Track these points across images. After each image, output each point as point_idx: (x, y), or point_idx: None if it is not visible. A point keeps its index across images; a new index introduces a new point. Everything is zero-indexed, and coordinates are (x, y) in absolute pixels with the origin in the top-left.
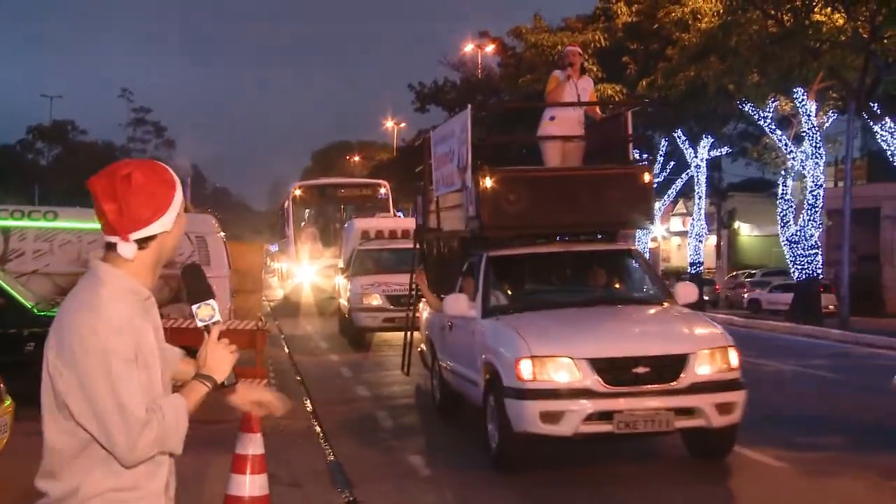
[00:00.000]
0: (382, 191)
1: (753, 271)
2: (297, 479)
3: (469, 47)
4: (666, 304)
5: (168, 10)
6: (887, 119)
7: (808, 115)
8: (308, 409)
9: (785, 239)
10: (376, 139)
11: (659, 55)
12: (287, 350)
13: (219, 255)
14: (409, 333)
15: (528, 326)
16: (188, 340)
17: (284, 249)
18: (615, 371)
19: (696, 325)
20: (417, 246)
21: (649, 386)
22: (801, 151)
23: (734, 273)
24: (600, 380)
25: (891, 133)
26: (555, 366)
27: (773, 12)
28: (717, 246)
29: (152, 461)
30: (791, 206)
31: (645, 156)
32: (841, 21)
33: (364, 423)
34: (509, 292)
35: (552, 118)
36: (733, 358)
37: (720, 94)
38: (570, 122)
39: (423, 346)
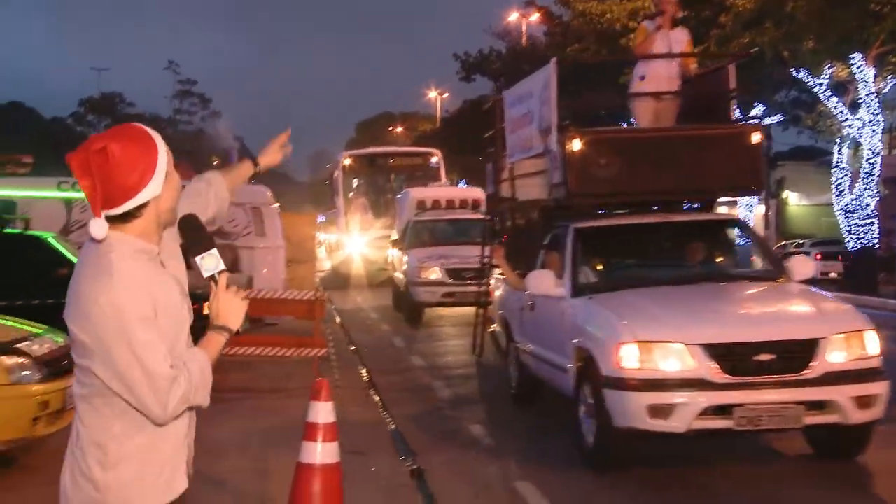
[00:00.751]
0: (434, 160)
1: (802, 241)
2: (359, 446)
3: (514, 16)
4: (782, 281)
5: None
6: None
7: (866, 82)
8: (364, 377)
9: (840, 208)
10: (419, 110)
11: (711, 22)
12: (339, 320)
13: (273, 226)
14: (480, 311)
15: (628, 307)
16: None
17: (333, 220)
18: (734, 359)
19: (825, 304)
20: (489, 218)
21: (775, 376)
22: (858, 118)
23: (783, 243)
24: (717, 368)
25: None
26: (664, 352)
27: None
28: (766, 215)
29: None
30: (846, 175)
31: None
32: None
33: (421, 392)
34: (601, 268)
35: (642, 77)
36: (872, 343)
37: (774, 60)
38: (662, 78)
39: (496, 326)
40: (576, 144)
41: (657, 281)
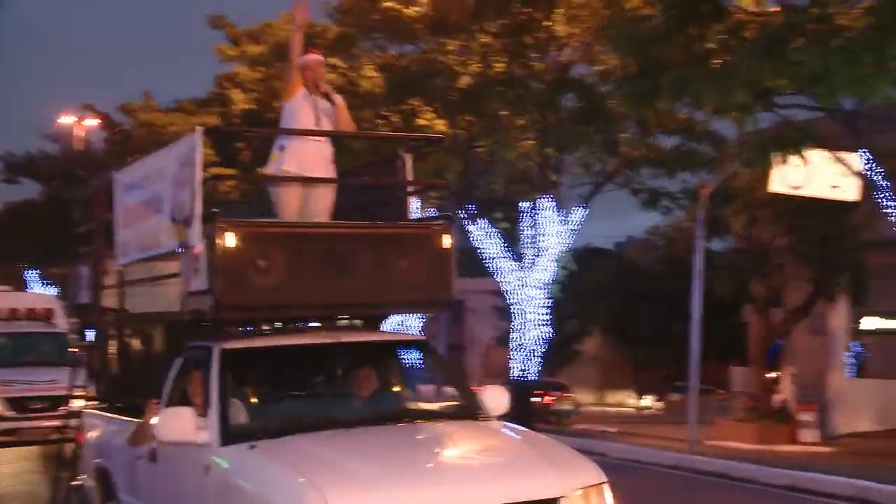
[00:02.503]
0: None
1: None
2: None
3: (69, 119)
4: (483, 419)
5: None
6: (481, 219)
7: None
8: None
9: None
10: None
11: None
12: None
13: None
14: (60, 453)
15: (306, 460)
16: None
17: None
18: None
19: (554, 452)
20: (82, 335)
21: None
22: None
23: None
24: None
25: (484, 232)
26: None
27: (384, 113)
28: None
29: None
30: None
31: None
32: (442, 126)
33: None
34: (259, 405)
35: (282, 147)
36: (609, 497)
37: None
38: (311, 157)
39: (86, 479)
40: (228, 239)
41: (338, 422)
